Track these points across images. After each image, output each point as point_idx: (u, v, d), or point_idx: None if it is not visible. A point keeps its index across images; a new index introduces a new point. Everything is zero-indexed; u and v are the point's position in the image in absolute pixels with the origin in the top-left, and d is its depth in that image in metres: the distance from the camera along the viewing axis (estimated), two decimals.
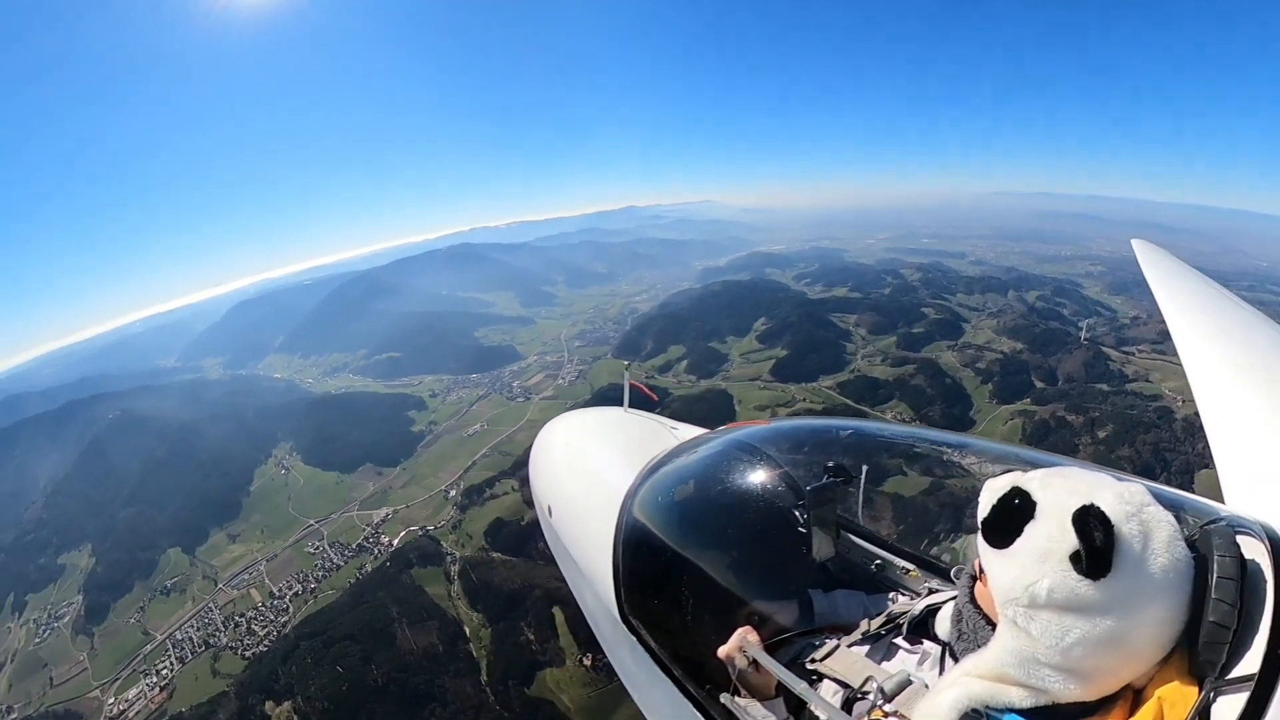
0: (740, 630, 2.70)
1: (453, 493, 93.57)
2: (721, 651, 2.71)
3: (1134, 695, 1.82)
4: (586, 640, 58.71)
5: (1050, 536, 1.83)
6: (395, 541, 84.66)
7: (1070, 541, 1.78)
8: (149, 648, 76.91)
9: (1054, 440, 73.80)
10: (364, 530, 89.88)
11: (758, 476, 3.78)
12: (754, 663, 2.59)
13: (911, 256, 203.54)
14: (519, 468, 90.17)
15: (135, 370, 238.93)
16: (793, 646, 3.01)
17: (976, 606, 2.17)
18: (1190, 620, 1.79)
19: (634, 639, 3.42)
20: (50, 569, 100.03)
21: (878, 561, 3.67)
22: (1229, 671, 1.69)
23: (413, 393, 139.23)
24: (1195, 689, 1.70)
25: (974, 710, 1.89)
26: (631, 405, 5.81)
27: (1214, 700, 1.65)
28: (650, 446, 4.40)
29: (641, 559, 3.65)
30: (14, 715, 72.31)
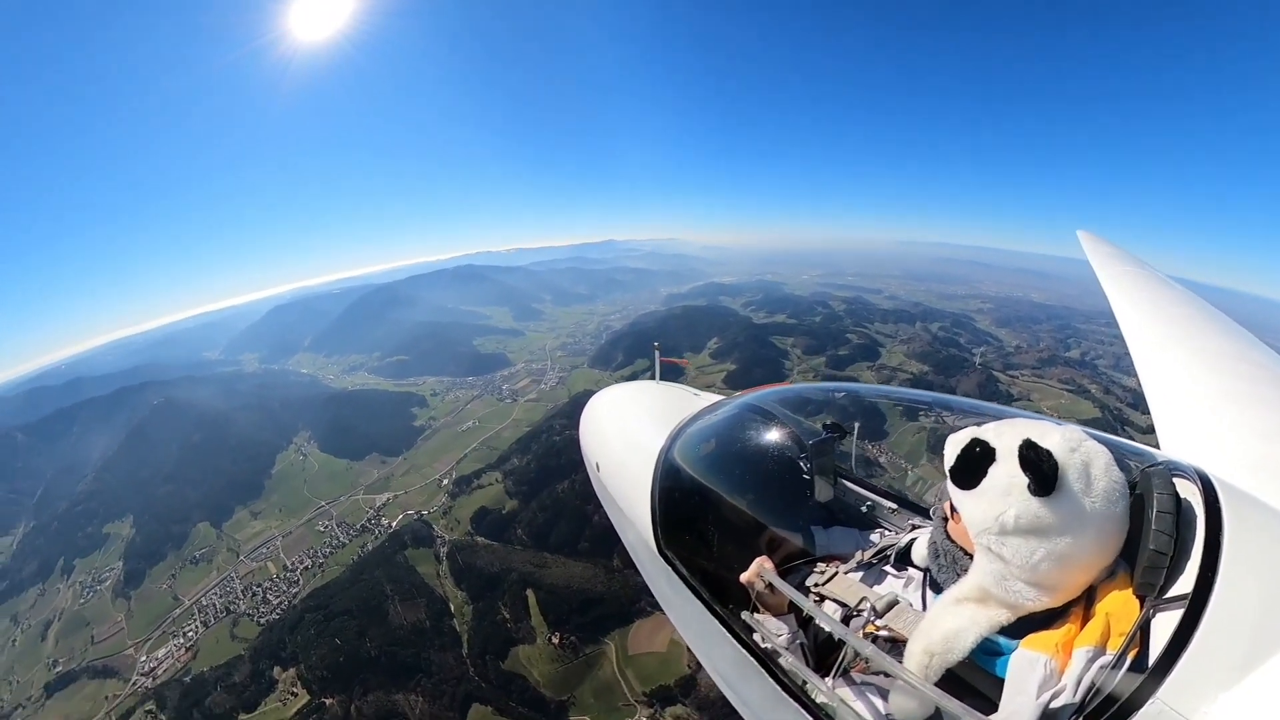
0: (758, 559, 2.84)
1: (445, 482, 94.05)
2: (743, 577, 2.85)
3: (1085, 604, 1.95)
4: (555, 620, 60.81)
5: (1010, 474, 1.96)
6: (394, 524, 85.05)
7: (1026, 475, 1.90)
8: (178, 612, 77.69)
9: None
10: (368, 512, 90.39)
11: (768, 433, 3.90)
12: (770, 586, 2.74)
13: (838, 291, 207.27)
14: (504, 461, 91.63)
15: (183, 361, 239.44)
16: (799, 573, 3.13)
17: (953, 541, 2.35)
18: (1132, 548, 1.93)
19: (670, 569, 3.57)
20: (96, 537, 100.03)
21: (868, 503, 3.79)
22: (1166, 592, 1.78)
23: (417, 391, 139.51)
24: (1137, 606, 1.81)
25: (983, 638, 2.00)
26: (661, 378, 6.16)
27: (1154, 615, 1.73)
28: (678, 411, 4.52)
29: (674, 503, 3.77)
30: (59, 668, 73.01)
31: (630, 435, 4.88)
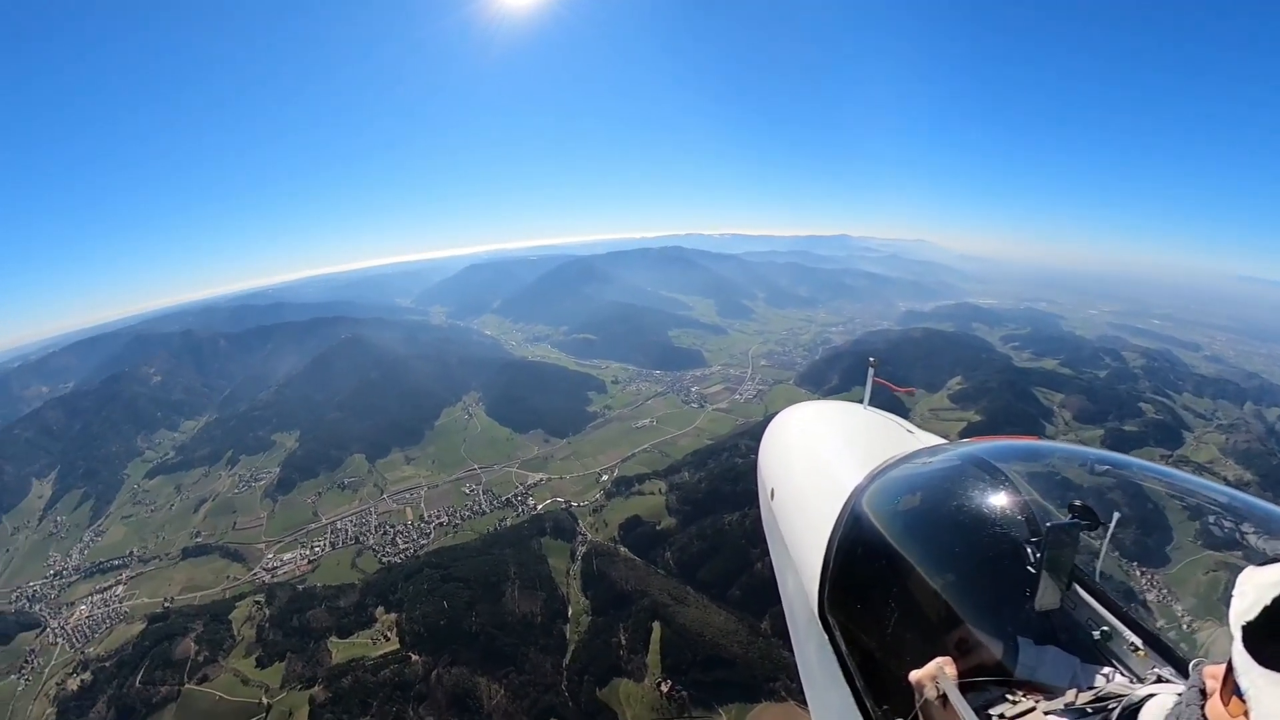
0: (939, 659, 2.64)
1: (605, 478, 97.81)
2: (913, 675, 2.65)
3: None
4: (673, 666, 59.48)
5: None
6: (539, 506, 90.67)
7: None
8: (313, 526, 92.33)
9: None
10: (516, 487, 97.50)
11: (994, 500, 3.58)
12: (943, 697, 2.51)
13: (1137, 337, 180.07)
14: (673, 472, 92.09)
15: (376, 303, 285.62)
16: (986, 693, 2.79)
17: None
18: None
19: (826, 637, 3.44)
20: (264, 441, 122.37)
21: (1105, 628, 3.23)
22: None
23: (597, 375, 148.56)
24: None
25: None
26: (872, 403, 6.05)
27: None
28: (884, 447, 4.44)
29: (854, 560, 3.62)
30: (199, 539, 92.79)
31: (820, 465, 4.91)
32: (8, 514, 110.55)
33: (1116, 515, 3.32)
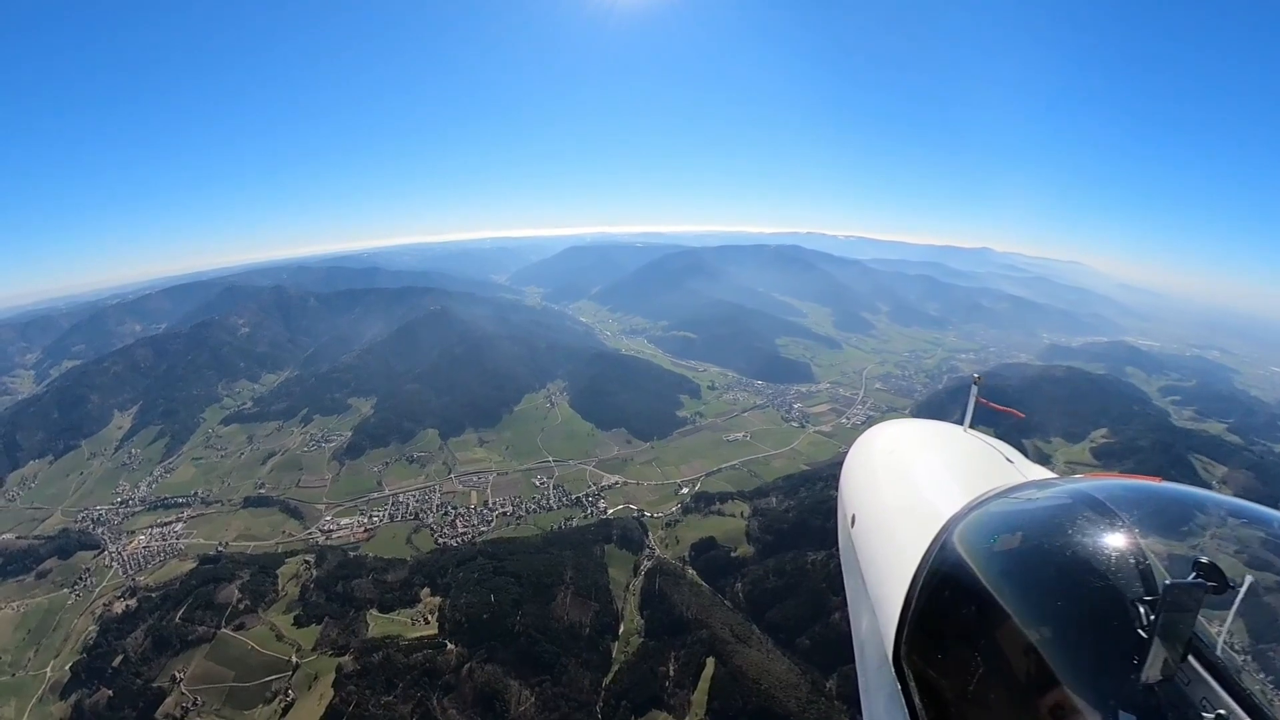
0: None
1: (685, 490, 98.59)
2: None
3: None
4: (719, 709, 59.58)
5: None
6: (610, 511, 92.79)
7: None
8: (375, 495, 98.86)
9: None
10: (589, 487, 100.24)
11: (1106, 548, 3.40)
12: None
13: None
14: (760, 495, 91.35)
15: (470, 278, 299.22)
16: None
17: None
18: None
19: (898, 687, 3.38)
20: (340, 404, 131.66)
21: (1220, 712, 3.03)
22: None
23: (693, 378, 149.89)
24: None
25: None
26: (973, 425, 6.13)
27: None
28: (984, 476, 4.44)
29: (939, 602, 3.55)
30: (263, 490, 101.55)
31: (910, 491, 4.83)
32: (88, 439, 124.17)
33: (1249, 579, 3.09)
